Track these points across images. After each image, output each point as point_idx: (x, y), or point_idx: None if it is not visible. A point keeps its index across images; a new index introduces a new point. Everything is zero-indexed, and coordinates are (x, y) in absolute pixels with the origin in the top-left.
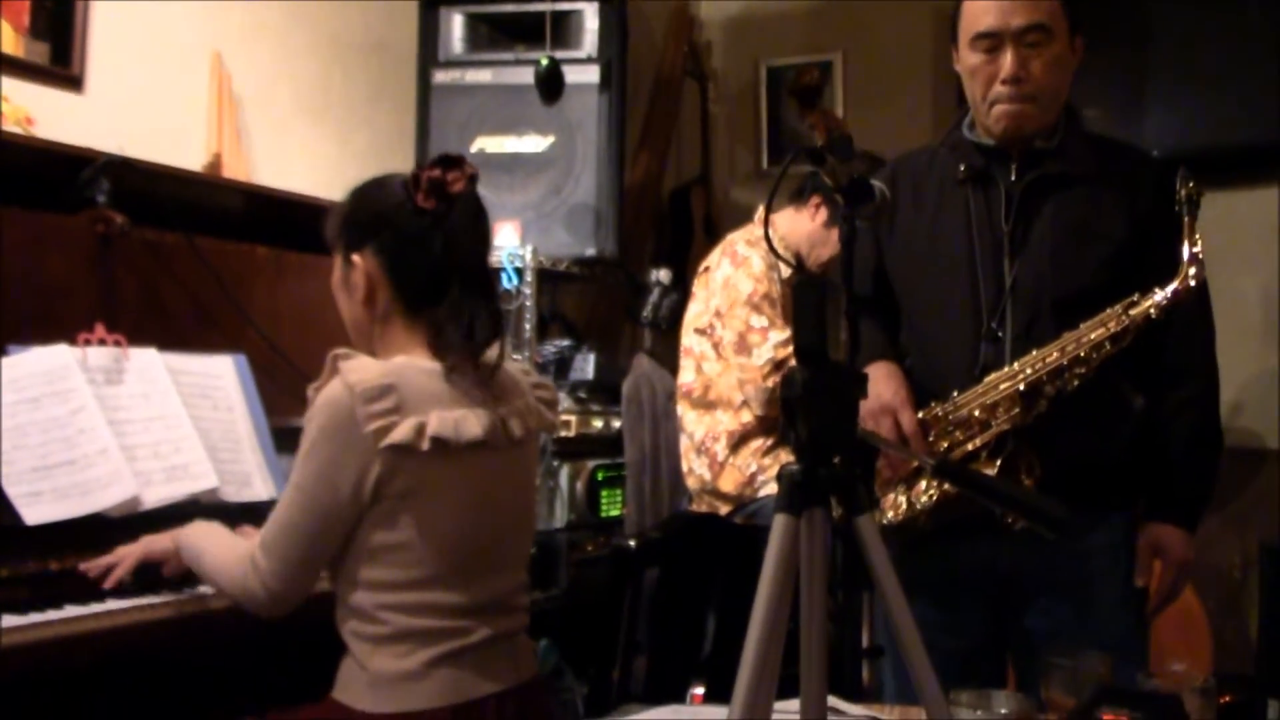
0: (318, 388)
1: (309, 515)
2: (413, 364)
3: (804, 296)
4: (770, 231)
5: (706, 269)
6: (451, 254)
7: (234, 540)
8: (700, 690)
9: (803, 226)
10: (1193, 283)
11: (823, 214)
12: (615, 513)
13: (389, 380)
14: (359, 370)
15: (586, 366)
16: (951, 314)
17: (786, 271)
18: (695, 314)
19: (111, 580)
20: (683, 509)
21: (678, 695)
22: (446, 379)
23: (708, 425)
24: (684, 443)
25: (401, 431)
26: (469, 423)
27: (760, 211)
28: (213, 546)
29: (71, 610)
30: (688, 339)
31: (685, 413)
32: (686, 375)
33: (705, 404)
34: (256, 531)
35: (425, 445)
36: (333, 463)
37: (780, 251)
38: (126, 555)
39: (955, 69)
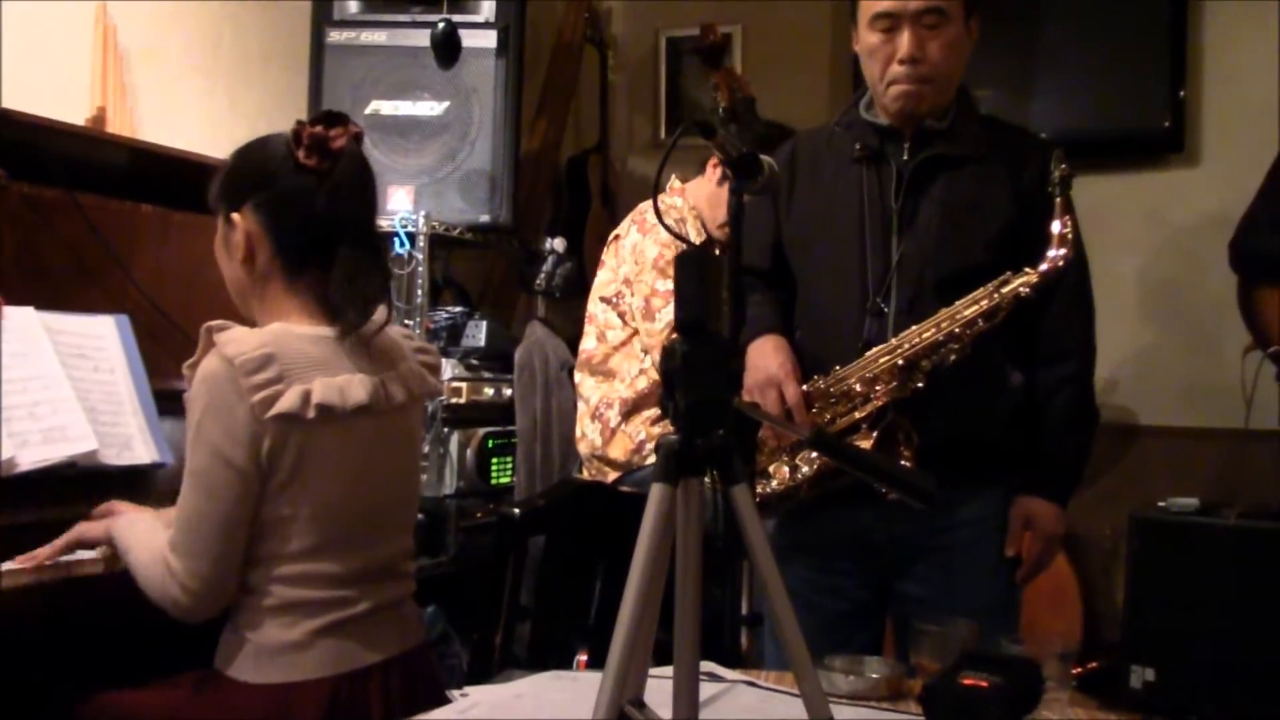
0: (193, 364)
1: (214, 501)
2: (290, 330)
3: (686, 269)
4: (682, 200)
5: (616, 237)
6: (335, 212)
7: (160, 539)
8: (585, 656)
9: (704, 190)
10: (1061, 263)
11: (718, 174)
12: (505, 480)
13: (268, 349)
14: (236, 342)
15: (479, 334)
16: (840, 289)
17: (697, 240)
18: (603, 281)
19: (38, 559)
20: (572, 476)
21: (563, 660)
22: (328, 343)
23: (604, 392)
24: (580, 408)
25: (287, 401)
26: (353, 388)
27: (673, 181)
28: (138, 545)
29: None
30: (593, 306)
31: (584, 379)
32: (588, 342)
33: (604, 371)
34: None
35: (311, 413)
36: (224, 440)
37: (691, 220)
38: (59, 540)
39: (854, 49)
